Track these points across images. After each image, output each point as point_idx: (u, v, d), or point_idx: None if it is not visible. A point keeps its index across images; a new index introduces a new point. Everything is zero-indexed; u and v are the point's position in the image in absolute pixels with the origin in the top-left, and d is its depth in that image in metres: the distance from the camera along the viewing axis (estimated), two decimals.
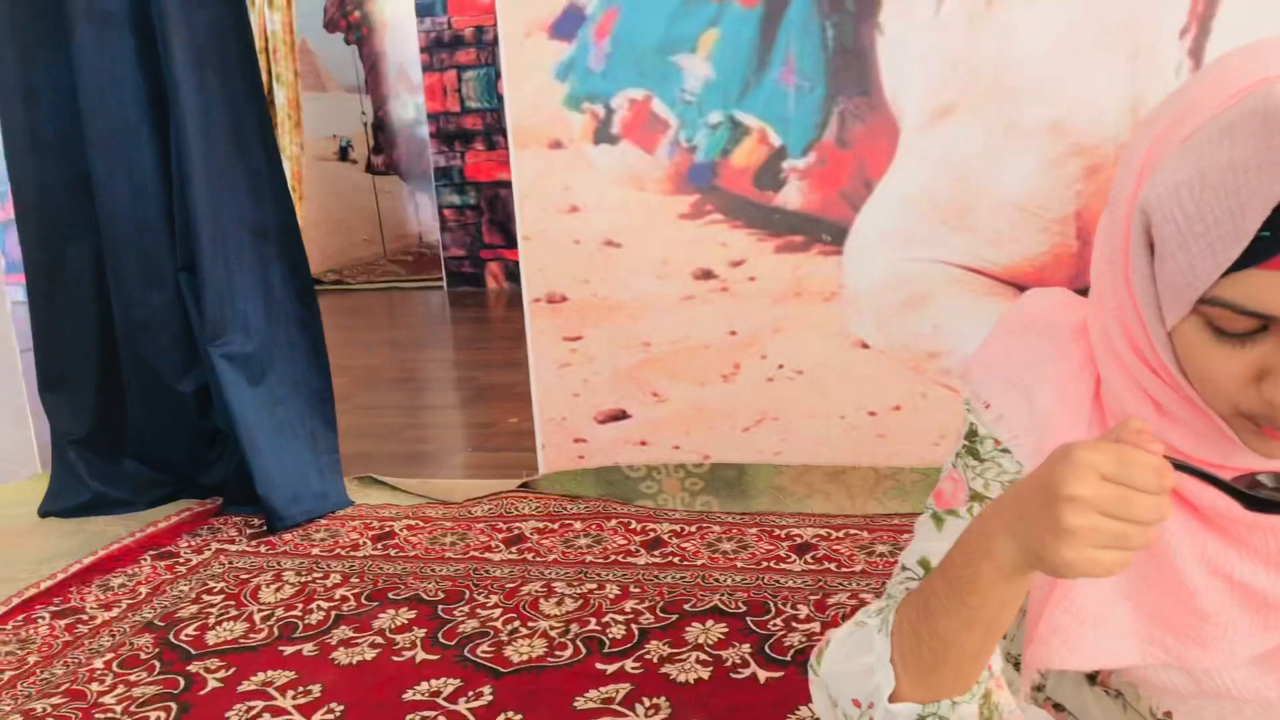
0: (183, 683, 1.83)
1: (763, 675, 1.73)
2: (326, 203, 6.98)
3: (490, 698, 1.71)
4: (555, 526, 2.44)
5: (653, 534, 2.37)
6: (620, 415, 2.57)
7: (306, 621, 2.04)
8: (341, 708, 1.71)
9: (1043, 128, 2.18)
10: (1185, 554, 0.90)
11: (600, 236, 2.46)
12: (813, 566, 2.14)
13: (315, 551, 2.39)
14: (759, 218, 2.38)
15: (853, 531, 2.30)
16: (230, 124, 2.54)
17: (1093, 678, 1.08)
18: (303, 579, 2.24)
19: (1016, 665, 1.08)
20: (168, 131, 2.50)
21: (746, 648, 1.82)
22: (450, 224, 6.22)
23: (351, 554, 2.36)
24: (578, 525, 2.44)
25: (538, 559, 2.27)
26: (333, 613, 2.07)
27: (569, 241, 2.47)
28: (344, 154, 7.49)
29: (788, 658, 1.78)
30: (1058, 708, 1.12)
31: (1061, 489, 0.73)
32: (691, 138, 2.37)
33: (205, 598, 2.18)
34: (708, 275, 2.44)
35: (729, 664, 1.78)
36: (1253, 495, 0.76)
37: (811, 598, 2.00)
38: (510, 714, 1.66)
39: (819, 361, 2.43)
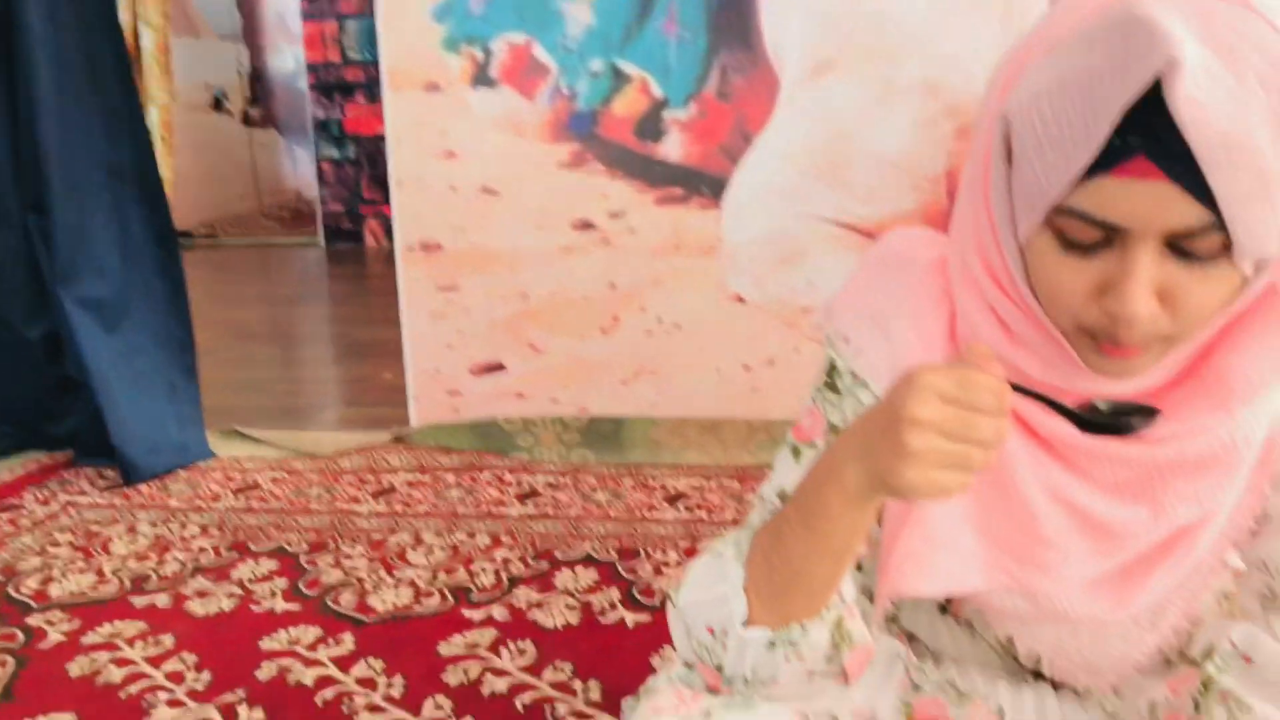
0: (21, 636, 1.73)
1: (631, 619, 1.72)
2: (199, 154, 6.70)
3: (351, 646, 1.67)
4: (427, 479, 2.39)
5: (527, 486, 2.34)
6: (496, 368, 2.53)
7: (160, 573, 1.95)
8: (194, 658, 1.65)
9: (918, 87, 2.21)
10: (1030, 482, 0.91)
11: (477, 184, 2.40)
12: (684, 515, 2.15)
13: (173, 503, 2.30)
14: (639, 169, 2.36)
15: (725, 481, 2.31)
16: (84, 57, 2.40)
17: (944, 608, 1.10)
18: (158, 531, 2.15)
19: (872, 599, 1.10)
20: (13, 62, 2.35)
21: (615, 593, 1.82)
22: (328, 179, 6.05)
23: (212, 505, 2.28)
24: (450, 478, 2.40)
25: (407, 511, 2.23)
26: (189, 564, 1.99)
27: (444, 188, 2.41)
28: (218, 104, 7.20)
29: (656, 601, 1.78)
30: (911, 638, 1.13)
31: (903, 411, 0.73)
32: (572, 85, 2.33)
33: (51, 550, 2.07)
34: (587, 226, 2.41)
35: (598, 609, 1.77)
36: (1088, 419, 0.78)
37: (681, 544, 2.00)
38: (371, 661, 1.62)
39: (697, 315, 2.42)
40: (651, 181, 2.36)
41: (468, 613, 1.77)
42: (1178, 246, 0.75)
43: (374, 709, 1.49)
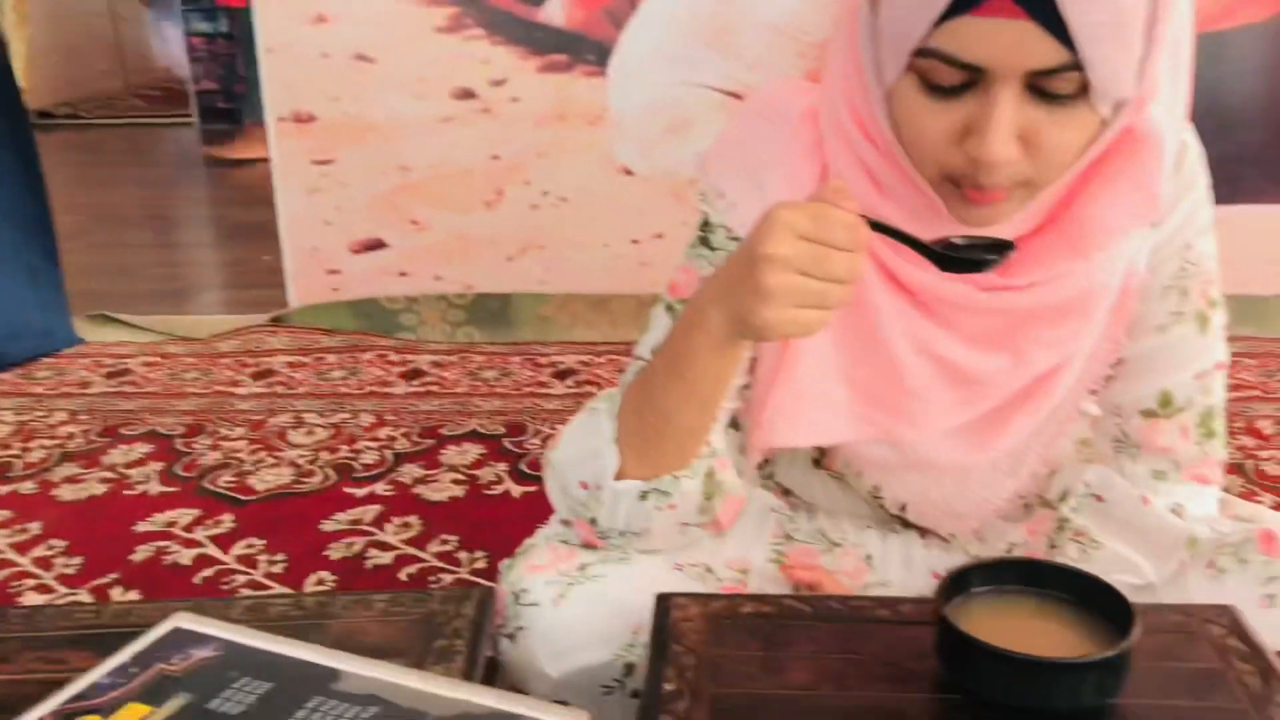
0: None
1: (516, 490, 1.72)
2: (57, 27, 6.26)
3: (231, 525, 1.63)
4: (308, 360, 2.33)
5: (412, 365, 2.30)
6: (377, 245, 2.45)
7: (25, 460, 1.88)
8: (64, 544, 1.59)
9: None
10: (896, 334, 0.92)
11: (350, 50, 2.29)
12: (573, 390, 2.14)
13: (38, 390, 2.20)
14: (521, 34, 2.27)
15: (614, 357, 2.30)
16: None
17: (817, 462, 1.11)
18: (22, 418, 2.06)
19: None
20: None
21: (502, 466, 1.81)
22: (200, 54, 5.71)
23: (81, 392, 2.19)
24: (332, 359, 2.34)
25: (287, 392, 2.17)
26: (56, 450, 1.91)
27: (316, 55, 2.29)
28: None
29: (543, 473, 1.77)
30: (786, 492, 1.15)
31: (760, 249, 0.73)
32: None
33: None
34: (468, 95, 2.32)
35: (483, 482, 1.76)
36: (945, 254, 0.78)
37: (570, 417, 1.99)
38: (252, 540, 1.59)
39: (584, 188, 2.38)
40: (534, 47, 2.28)
41: (351, 490, 1.74)
42: (1038, 88, 0.74)
43: (255, 586, 1.47)
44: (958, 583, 0.76)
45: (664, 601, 0.84)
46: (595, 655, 0.89)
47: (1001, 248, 0.79)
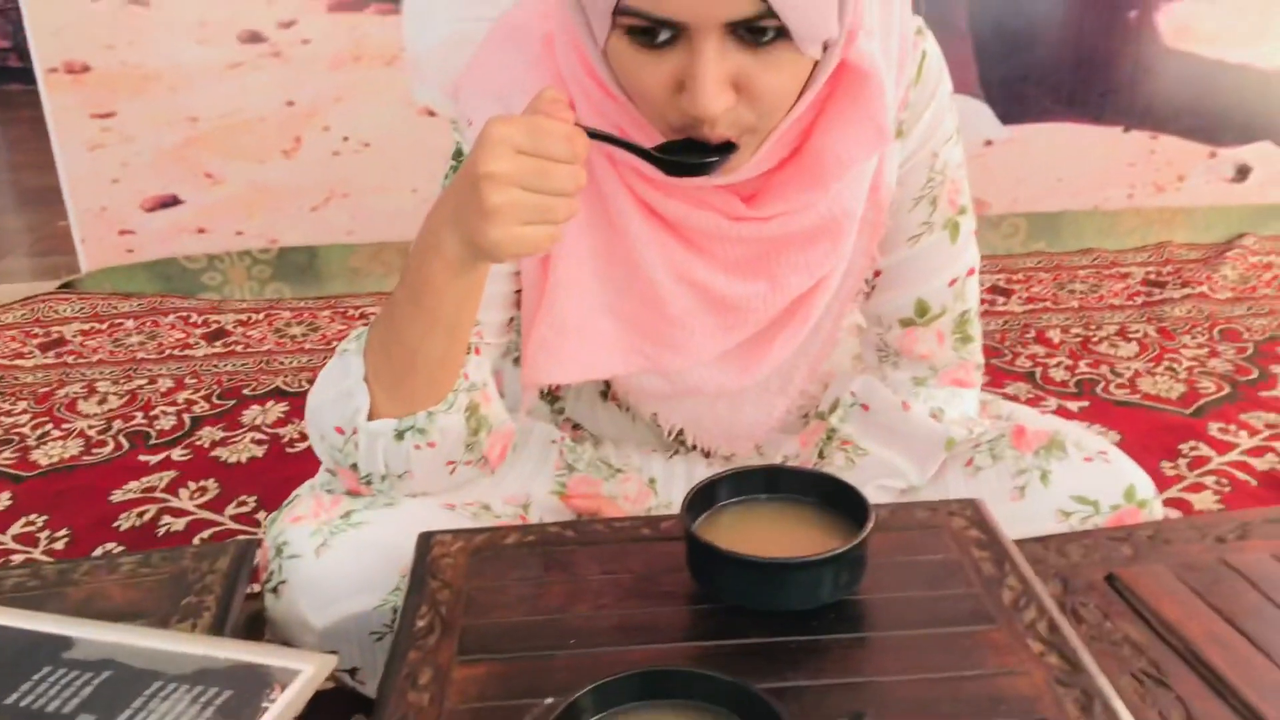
0: None
1: None
2: None
3: (8, 503, 1.54)
4: (104, 327, 2.21)
5: (215, 325, 2.21)
6: (171, 201, 2.33)
7: None
8: None
9: None
10: (656, 264, 0.92)
11: None
12: None
13: None
14: None
15: None
16: None
17: (605, 394, 1.11)
18: None
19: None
20: None
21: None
22: None
23: None
24: (129, 324, 2.22)
25: (80, 361, 2.05)
26: None
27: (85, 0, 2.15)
28: None
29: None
30: (576, 426, 1.15)
31: (479, 167, 0.71)
32: None
33: None
34: (256, 38, 2.21)
35: (286, 440, 1.70)
36: (669, 160, 0.78)
37: None
38: (32, 517, 1.50)
39: (386, 132, 2.30)
40: None
41: (145, 458, 1.66)
42: (741, 36, 0.74)
43: (32, 563, 1.39)
44: (706, 496, 0.77)
45: (426, 539, 0.83)
46: (362, 602, 0.87)
47: (723, 149, 0.79)
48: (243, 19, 2.19)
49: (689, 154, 0.78)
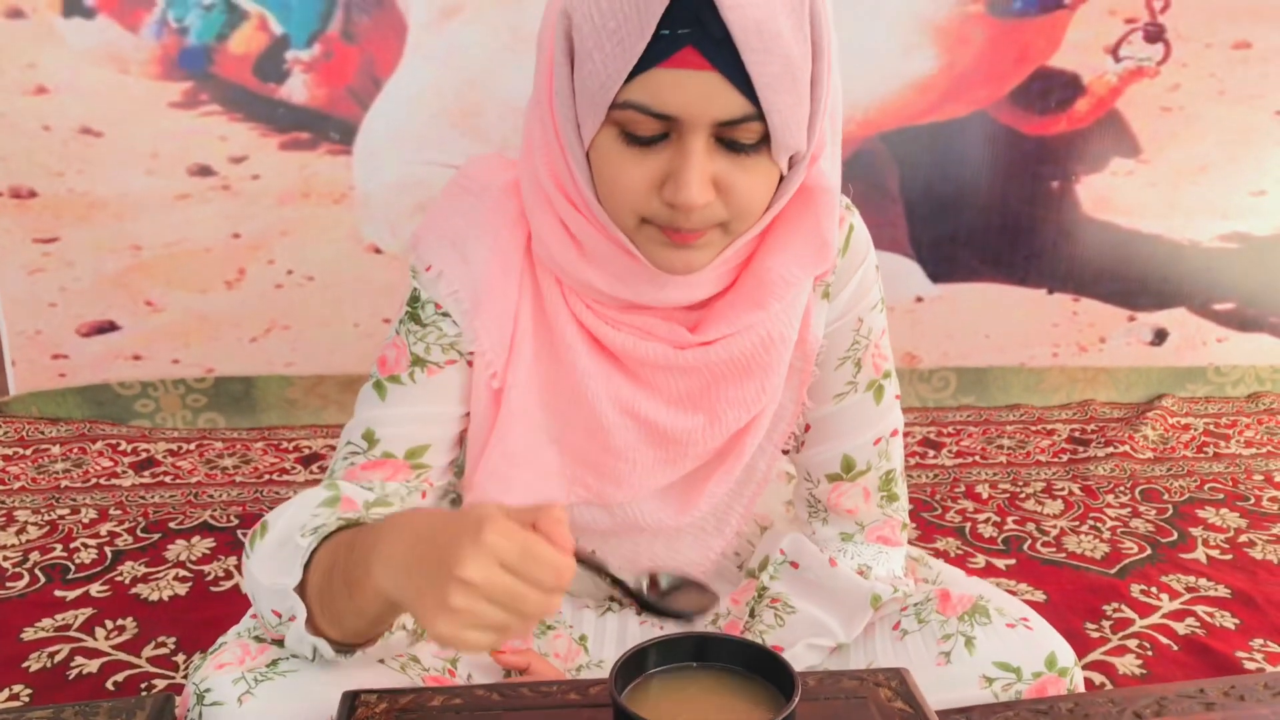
0: None
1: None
2: None
3: None
4: (28, 452, 2.16)
5: (145, 454, 2.17)
6: (108, 327, 2.31)
7: None
8: None
9: None
10: (601, 397, 0.95)
11: (75, 123, 2.17)
12: (316, 476, 2.07)
13: None
14: (262, 111, 2.22)
15: None
16: None
17: None
18: None
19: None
20: None
21: (232, 560, 1.72)
22: None
23: None
24: (55, 450, 2.17)
25: (1, 487, 2.00)
26: None
27: (36, 127, 2.16)
28: None
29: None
30: None
31: (456, 568, 0.68)
32: (182, 18, 2.15)
33: None
34: (206, 172, 2.24)
35: (211, 578, 1.66)
36: (649, 601, 0.80)
37: None
38: None
39: (331, 267, 2.32)
40: (275, 125, 2.22)
41: (61, 593, 1.61)
42: (726, 139, 0.80)
43: None
44: (635, 663, 0.77)
45: (350, 699, 0.81)
46: None
47: (701, 590, 0.80)
48: (194, 153, 2.22)
49: (668, 590, 0.80)
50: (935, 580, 1.07)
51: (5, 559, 1.72)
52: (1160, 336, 2.55)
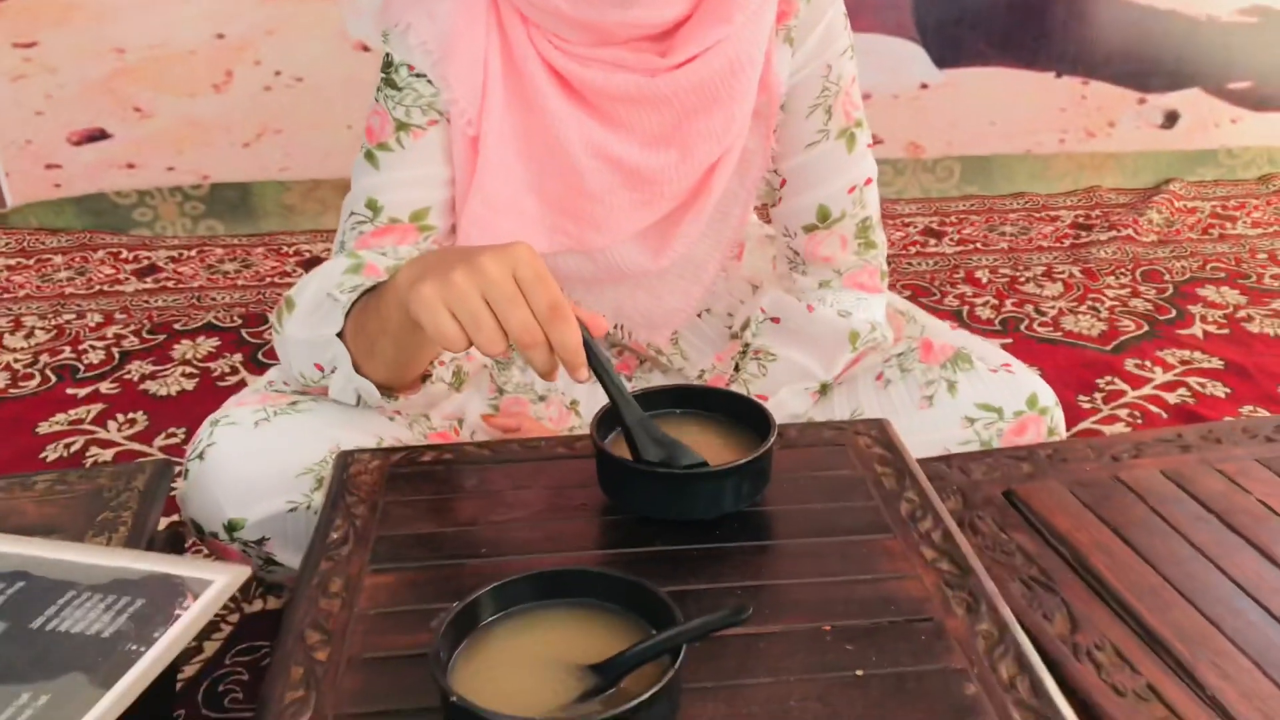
0: None
1: (252, 379, 1.66)
2: None
3: None
4: (30, 262, 2.17)
5: (147, 261, 2.17)
6: (99, 135, 2.28)
7: None
8: None
9: None
10: (573, 141, 0.95)
11: None
12: None
13: None
14: None
15: None
16: None
17: None
18: None
19: None
20: None
21: (238, 357, 1.75)
22: None
23: None
24: (58, 259, 2.18)
25: (6, 295, 2.02)
26: None
27: None
28: None
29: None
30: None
31: (473, 256, 0.69)
32: None
33: None
34: None
35: (217, 373, 1.70)
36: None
37: None
38: None
39: (319, 67, 2.27)
40: None
41: (72, 391, 1.65)
42: None
43: None
44: (614, 416, 0.78)
45: (344, 458, 0.84)
46: (283, 472, 0.88)
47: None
48: None
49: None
50: (920, 333, 1.08)
51: (16, 361, 1.75)
52: (1171, 119, 2.49)
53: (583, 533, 0.76)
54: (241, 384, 1.65)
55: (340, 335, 0.85)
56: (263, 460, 0.89)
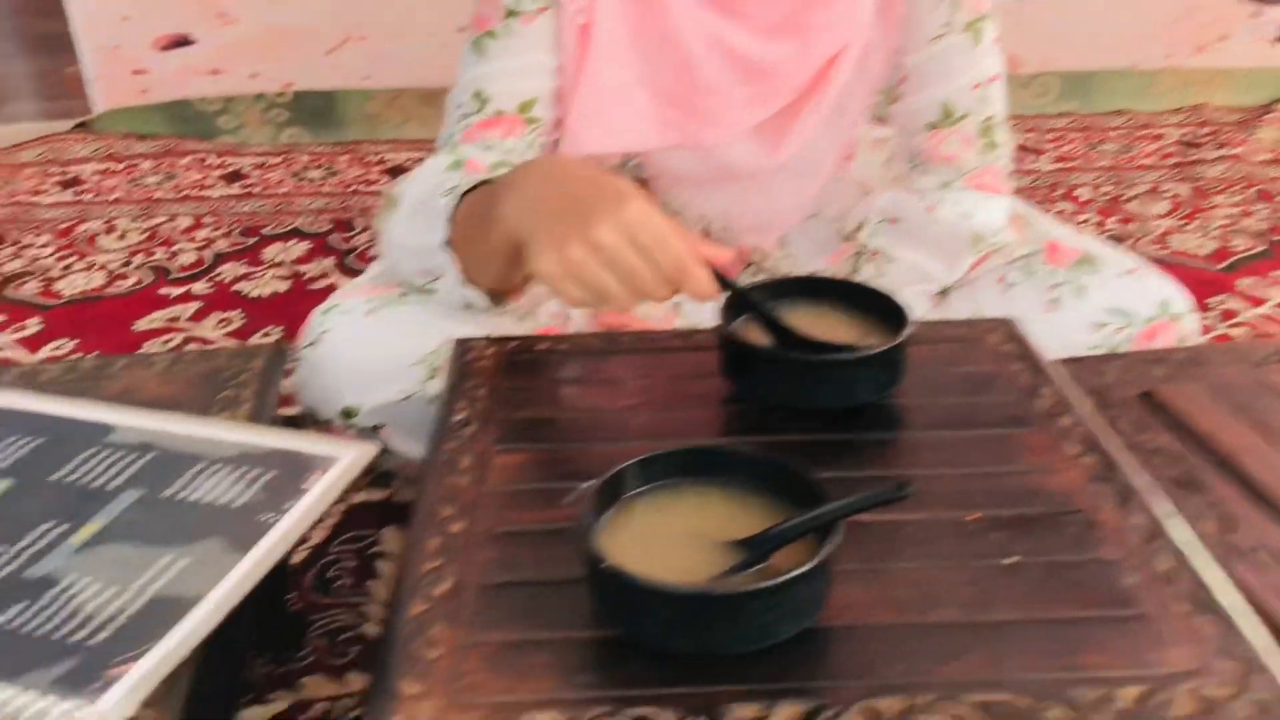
0: None
1: (344, 283, 1.66)
2: None
3: (39, 328, 1.55)
4: (120, 167, 2.18)
5: (232, 168, 2.18)
6: (184, 41, 2.28)
7: None
8: None
9: None
10: (689, 29, 0.92)
11: None
12: None
13: None
14: None
15: None
16: None
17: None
18: None
19: None
20: None
21: (329, 262, 1.75)
22: None
23: None
24: (146, 164, 2.19)
25: (98, 199, 2.04)
26: None
27: None
28: None
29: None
30: None
31: (588, 226, 0.68)
32: None
33: None
34: None
35: (309, 276, 1.70)
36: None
37: None
38: (62, 341, 1.51)
39: None
40: None
41: (167, 290, 1.66)
42: None
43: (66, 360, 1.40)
44: (744, 300, 0.76)
45: (462, 344, 0.83)
46: (398, 359, 0.88)
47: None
48: None
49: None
50: (1043, 236, 1.04)
51: (111, 261, 1.77)
52: None
53: (708, 421, 0.74)
54: (332, 288, 1.65)
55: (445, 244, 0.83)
56: (376, 349, 0.89)
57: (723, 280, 0.72)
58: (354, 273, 1.69)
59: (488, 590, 0.57)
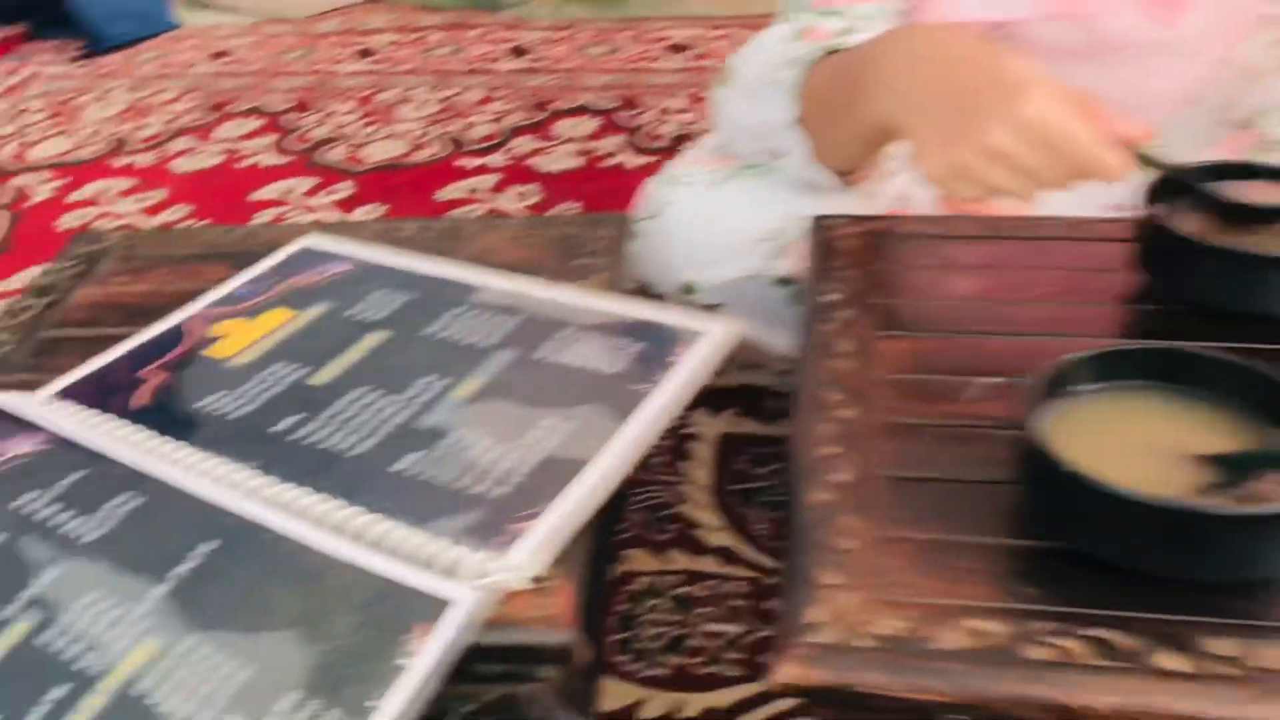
0: (8, 196, 1.67)
1: (635, 162, 1.64)
2: None
3: (352, 190, 1.61)
4: (412, 38, 2.23)
5: (517, 42, 2.19)
6: None
7: (140, 135, 1.86)
8: (188, 208, 1.59)
9: None
10: None
11: None
12: (689, 64, 2.01)
13: (144, 71, 2.16)
14: None
15: (734, 30, 2.15)
16: None
17: None
18: (133, 96, 2.03)
19: None
20: None
21: (619, 139, 1.73)
22: None
23: (186, 72, 2.14)
24: (436, 36, 2.23)
25: (392, 69, 2.09)
26: (169, 126, 1.89)
27: None
28: None
29: (661, 144, 1.68)
30: None
31: (983, 133, 0.62)
32: None
33: (24, 117, 1.96)
34: None
35: (600, 154, 1.69)
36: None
37: (686, 91, 1.88)
38: (373, 205, 1.57)
39: None
40: None
41: (463, 162, 1.69)
42: None
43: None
44: (1168, 184, 0.67)
45: (820, 222, 0.78)
46: (741, 234, 0.84)
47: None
48: None
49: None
50: None
51: (411, 130, 1.81)
52: None
53: (1121, 319, 0.67)
54: (622, 166, 1.64)
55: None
56: (719, 223, 0.85)
57: (1146, 159, 0.63)
58: (645, 151, 1.67)
59: (896, 484, 0.53)
